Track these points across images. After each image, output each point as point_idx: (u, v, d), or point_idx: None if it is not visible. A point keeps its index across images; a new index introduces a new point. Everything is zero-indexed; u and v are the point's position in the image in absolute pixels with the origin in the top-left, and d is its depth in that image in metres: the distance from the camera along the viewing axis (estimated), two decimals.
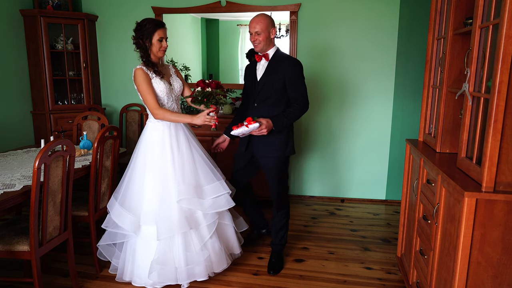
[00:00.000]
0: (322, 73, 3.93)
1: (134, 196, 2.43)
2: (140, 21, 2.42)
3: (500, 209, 1.49)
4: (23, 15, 3.88)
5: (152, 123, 2.49)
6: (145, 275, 2.36)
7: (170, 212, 2.34)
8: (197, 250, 2.37)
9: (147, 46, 2.41)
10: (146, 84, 2.38)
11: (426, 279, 1.97)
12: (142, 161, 2.45)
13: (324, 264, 2.82)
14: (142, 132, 2.56)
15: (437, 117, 2.20)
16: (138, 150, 2.50)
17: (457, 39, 2.00)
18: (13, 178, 2.32)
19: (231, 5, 3.93)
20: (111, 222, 2.43)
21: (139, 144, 2.52)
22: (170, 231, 2.31)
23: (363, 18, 3.77)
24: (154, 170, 2.41)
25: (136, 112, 4.26)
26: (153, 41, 2.40)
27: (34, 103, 4.07)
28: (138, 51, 2.45)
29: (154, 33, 2.38)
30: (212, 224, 2.42)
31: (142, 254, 2.39)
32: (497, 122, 1.46)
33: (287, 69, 2.46)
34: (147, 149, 2.46)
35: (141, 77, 2.38)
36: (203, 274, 2.37)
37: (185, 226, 2.32)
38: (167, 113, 2.38)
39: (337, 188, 4.15)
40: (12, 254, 2.09)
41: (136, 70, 2.41)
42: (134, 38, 2.42)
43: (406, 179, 2.53)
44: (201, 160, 2.51)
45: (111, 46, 4.33)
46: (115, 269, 2.54)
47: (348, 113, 3.96)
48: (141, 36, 2.38)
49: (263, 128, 2.37)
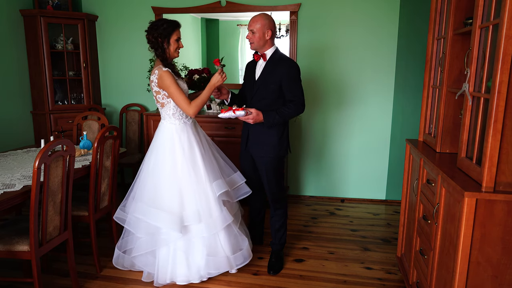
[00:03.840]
0: (322, 73, 3.93)
1: (171, 197, 2.41)
2: (155, 21, 2.41)
3: (500, 209, 1.49)
4: (23, 15, 3.88)
5: (172, 123, 2.48)
6: (195, 270, 2.44)
7: (210, 208, 2.44)
8: (238, 237, 2.60)
9: (164, 47, 2.39)
10: (175, 84, 2.37)
11: (426, 279, 1.97)
12: (171, 161, 2.43)
13: (324, 264, 2.82)
14: (159, 133, 2.52)
15: (437, 117, 2.20)
16: (161, 151, 2.46)
17: (457, 39, 2.00)
18: (13, 178, 2.32)
19: (231, 5, 3.93)
20: (142, 228, 2.42)
21: (160, 144, 2.47)
22: (215, 227, 2.42)
23: (363, 18, 3.77)
24: (187, 169, 2.43)
25: (136, 112, 4.26)
26: (171, 41, 2.38)
27: (34, 103, 4.07)
28: (152, 51, 2.43)
29: (173, 33, 2.38)
30: (238, 212, 2.68)
31: (186, 252, 2.44)
32: (497, 122, 1.46)
33: (283, 72, 2.47)
34: (175, 149, 2.44)
35: (170, 79, 2.35)
36: (248, 257, 2.61)
37: (228, 218, 2.48)
38: (197, 103, 2.40)
39: (337, 188, 4.15)
40: (12, 254, 2.09)
41: (162, 73, 2.36)
42: (150, 36, 2.38)
43: (406, 179, 2.53)
44: (217, 154, 2.65)
45: (111, 46, 4.33)
46: (149, 276, 2.52)
47: (348, 113, 3.96)
48: (158, 35, 2.36)
49: (250, 117, 2.44)
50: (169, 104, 2.46)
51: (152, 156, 2.51)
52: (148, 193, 2.44)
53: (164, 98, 2.44)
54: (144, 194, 2.45)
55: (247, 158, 2.75)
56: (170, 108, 2.46)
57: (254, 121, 2.47)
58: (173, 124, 2.48)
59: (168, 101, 2.45)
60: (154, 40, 2.39)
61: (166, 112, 2.48)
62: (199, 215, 2.41)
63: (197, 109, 2.40)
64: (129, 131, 4.28)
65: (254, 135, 2.62)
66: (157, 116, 3.88)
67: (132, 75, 4.33)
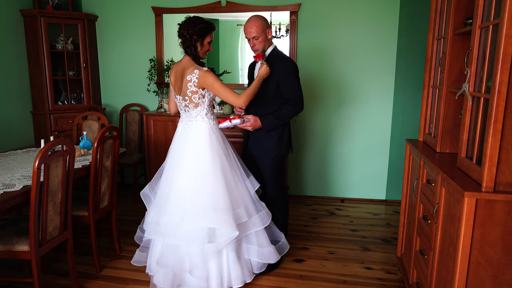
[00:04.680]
0: (323, 73, 3.93)
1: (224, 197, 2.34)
2: (191, 17, 2.33)
3: (500, 209, 1.49)
4: (23, 15, 3.88)
5: (206, 123, 2.41)
6: (247, 270, 2.47)
7: (253, 203, 2.45)
8: (274, 229, 2.63)
9: (197, 46, 2.34)
10: (219, 80, 2.34)
11: (426, 279, 1.97)
12: (216, 161, 2.36)
13: (324, 264, 2.81)
14: (191, 133, 2.40)
15: (437, 117, 2.20)
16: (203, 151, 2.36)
17: (457, 39, 2.00)
18: (13, 178, 2.32)
19: (231, 5, 3.93)
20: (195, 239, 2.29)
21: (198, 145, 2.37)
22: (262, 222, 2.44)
23: (363, 18, 3.77)
24: (230, 167, 2.42)
25: (136, 112, 4.26)
26: (204, 42, 2.35)
27: (34, 103, 4.07)
28: (182, 45, 2.37)
29: (208, 34, 2.35)
30: None
31: (238, 252, 2.43)
32: (497, 122, 1.46)
33: (280, 71, 2.47)
34: (214, 148, 2.38)
35: (213, 76, 2.31)
36: (285, 247, 2.65)
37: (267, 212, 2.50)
38: (246, 93, 2.39)
39: (337, 188, 4.15)
40: (12, 254, 2.09)
41: (204, 73, 2.29)
42: (185, 32, 2.31)
43: (406, 179, 2.53)
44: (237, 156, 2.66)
45: (111, 46, 4.33)
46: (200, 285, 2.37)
47: (348, 113, 3.96)
48: (194, 33, 2.30)
49: (248, 125, 2.46)
50: (203, 104, 2.38)
51: (187, 159, 2.37)
52: (197, 198, 2.32)
53: (200, 98, 2.36)
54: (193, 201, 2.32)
55: (248, 158, 2.75)
56: (204, 108, 2.40)
57: (253, 128, 2.48)
58: (208, 124, 2.41)
59: (203, 101, 2.37)
60: (188, 37, 2.32)
61: (199, 113, 2.39)
62: (248, 211, 2.41)
63: (246, 99, 2.37)
64: (129, 131, 4.28)
65: (254, 135, 2.63)
66: (157, 116, 3.88)
67: (132, 75, 4.33)
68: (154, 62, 4.13)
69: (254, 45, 2.49)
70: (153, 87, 4.23)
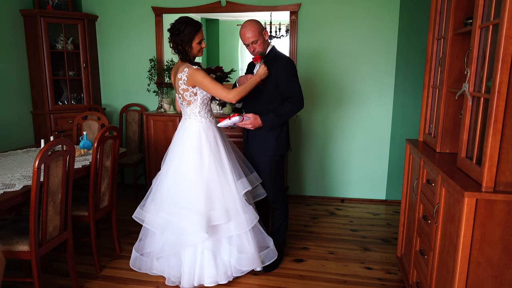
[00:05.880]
0: (322, 72, 3.93)
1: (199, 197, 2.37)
2: (176, 24, 2.35)
3: (500, 209, 1.49)
4: (23, 15, 3.88)
5: (199, 122, 2.45)
6: (222, 271, 2.45)
7: (238, 207, 2.43)
8: (263, 235, 2.58)
9: (186, 51, 2.38)
10: (209, 77, 2.36)
11: (426, 279, 1.97)
12: (198, 160, 2.40)
13: (324, 264, 2.81)
14: (184, 131, 2.47)
15: (437, 117, 2.20)
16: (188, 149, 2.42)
17: (457, 39, 2.00)
18: (13, 178, 2.32)
19: (231, 5, 3.93)
20: (166, 228, 2.39)
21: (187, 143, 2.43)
22: (243, 226, 2.41)
23: (363, 18, 3.77)
24: (214, 167, 2.41)
25: (136, 112, 4.26)
26: (193, 45, 2.38)
27: (34, 103, 4.07)
28: (176, 53, 2.44)
29: (194, 37, 2.36)
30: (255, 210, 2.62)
31: (215, 252, 2.43)
32: (497, 122, 1.46)
33: (278, 70, 2.48)
34: (202, 147, 2.42)
35: (202, 73, 2.35)
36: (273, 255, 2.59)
37: (254, 216, 2.48)
38: (238, 90, 2.40)
39: (337, 188, 4.15)
40: (12, 254, 2.09)
41: (193, 71, 2.34)
42: (172, 43, 2.38)
43: (406, 179, 2.53)
44: (236, 154, 2.65)
45: (111, 46, 4.33)
46: (173, 281, 2.46)
47: (348, 113, 3.96)
48: (180, 42, 2.35)
49: (247, 123, 2.46)
50: (195, 102, 2.42)
51: (176, 155, 2.46)
52: (175, 193, 2.40)
53: (192, 96, 2.41)
54: (170, 193, 2.41)
55: (248, 157, 2.75)
56: (197, 106, 2.43)
57: (253, 126, 2.48)
58: (199, 122, 2.45)
59: (195, 98, 2.42)
60: (176, 45, 2.38)
61: (192, 110, 2.44)
62: (228, 214, 2.40)
63: (237, 94, 2.39)
64: (129, 131, 4.28)
65: (253, 133, 2.63)
66: (157, 116, 3.88)
67: (132, 75, 4.33)
68: (154, 62, 4.13)
69: (254, 49, 2.49)
70: (153, 87, 4.23)
